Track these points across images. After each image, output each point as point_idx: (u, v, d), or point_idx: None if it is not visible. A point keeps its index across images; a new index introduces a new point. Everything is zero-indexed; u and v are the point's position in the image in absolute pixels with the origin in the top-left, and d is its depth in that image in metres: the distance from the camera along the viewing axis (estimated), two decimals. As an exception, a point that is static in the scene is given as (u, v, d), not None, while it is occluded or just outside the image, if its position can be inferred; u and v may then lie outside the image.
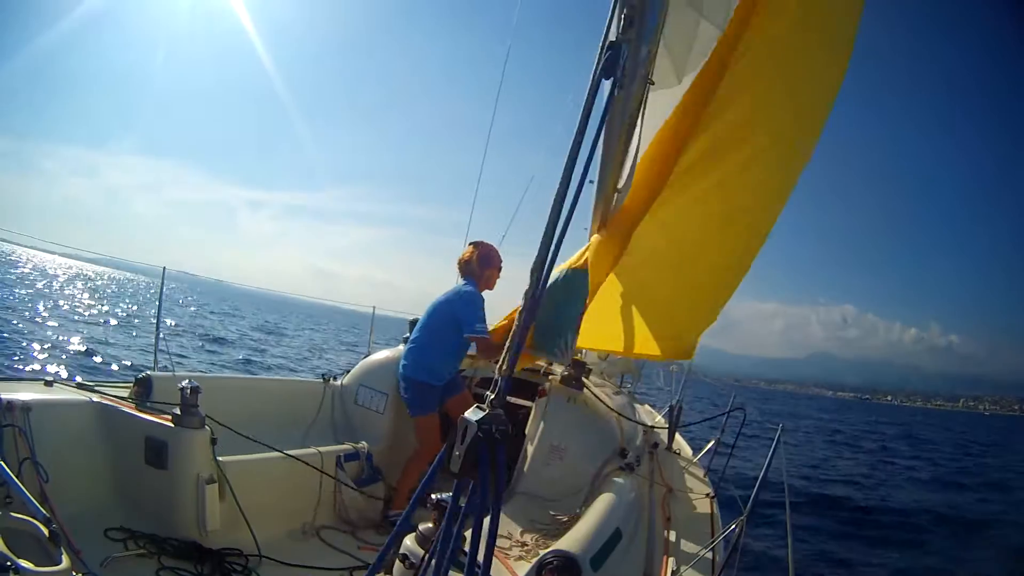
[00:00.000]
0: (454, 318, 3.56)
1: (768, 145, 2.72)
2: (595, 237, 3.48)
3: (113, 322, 19.94)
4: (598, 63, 1.50)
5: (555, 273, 3.66)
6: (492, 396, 1.24)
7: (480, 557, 1.40)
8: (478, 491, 1.19)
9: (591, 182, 3.12)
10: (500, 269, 3.91)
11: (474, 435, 1.18)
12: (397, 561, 1.91)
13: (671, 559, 2.29)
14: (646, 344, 3.45)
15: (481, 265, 3.76)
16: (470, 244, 3.89)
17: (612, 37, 1.63)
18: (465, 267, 3.77)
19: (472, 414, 1.19)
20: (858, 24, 2.29)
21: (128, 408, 2.73)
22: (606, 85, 1.57)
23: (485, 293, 3.84)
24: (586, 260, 3.43)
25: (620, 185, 3.09)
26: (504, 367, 1.28)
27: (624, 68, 1.49)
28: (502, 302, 3.96)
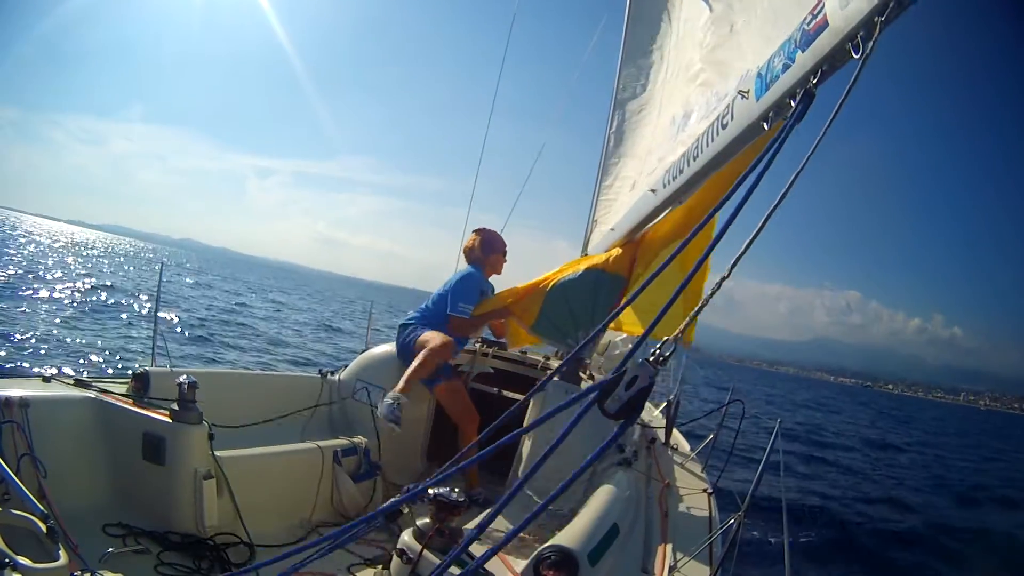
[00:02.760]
0: (447, 298, 3.76)
1: None
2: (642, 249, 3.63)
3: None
4: (794, 113, 1.57)
5: (581, 268, 3.74)
6: (662, 356, 1.32)
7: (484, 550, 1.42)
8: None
9: (651, 191, 3.19)
10: (505, 254, 4.04)
11: (645, 385, 1.25)
12: (395, 556, 1.92)
13: (668, 554, 2.30)
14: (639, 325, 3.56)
15: (484, 251, 3.92)
16: (473, 232, 4.03)
17: (791, 84, 1.70)
18: (469, 254, 3.93)
19: (641, 367, 1.27)
20: None
21: (126, 404, 2.73)
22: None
23: (495, 278, 3.91)
24: (628, 272, 3.60)
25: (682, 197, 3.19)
26: (680, 335, 1.37)
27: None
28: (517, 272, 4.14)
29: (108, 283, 21.51)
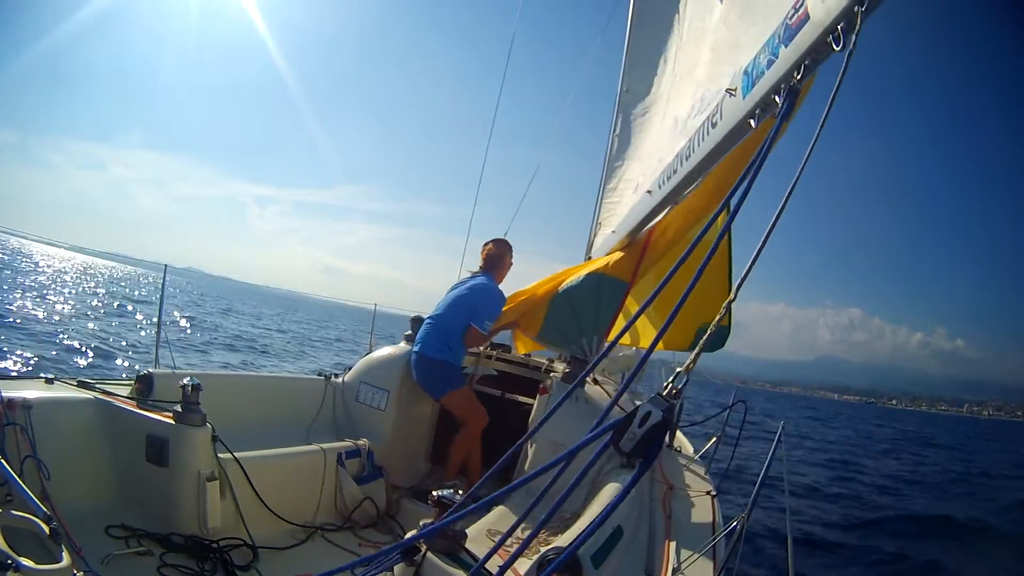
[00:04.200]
0: (472, 307, 3.80)
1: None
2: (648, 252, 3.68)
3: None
4: (781, 111, 1.56)
5: (583, 274, 3.77)
6: (675, 388, 1.33)
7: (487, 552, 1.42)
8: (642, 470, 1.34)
9: (647, 192, 3.19)
10: (511, 263, 4.19)
11: (658, 421, 1.25)
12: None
13: (672, 556, 2.29)
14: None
15: (502, 258, 4.08)
16: (493, 241, 4.18)
17: (773, 81, 1.70)
18: (495, 260, 4.06)
19: (653, 403, 1.27)
20: None
21: (129, 406, 2.73)
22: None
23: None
24: (631, 276, 3.62)
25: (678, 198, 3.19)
26: (692, 365, 1.39)
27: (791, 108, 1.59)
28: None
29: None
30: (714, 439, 4.29)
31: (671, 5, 3.77)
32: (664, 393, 1.31)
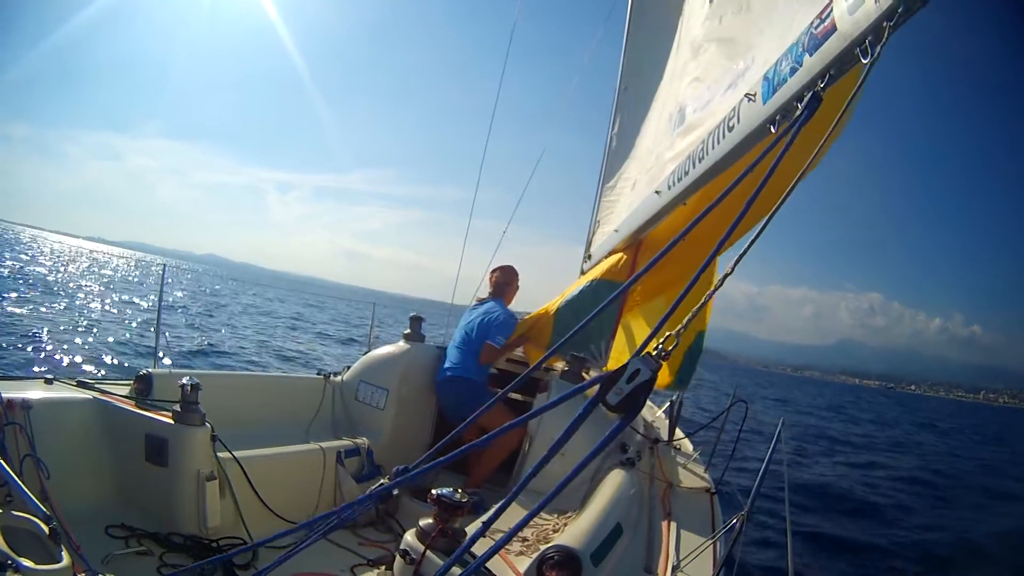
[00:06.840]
0: (487, 328, 3.98)
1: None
2: (642, 254, 3.64)
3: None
4: (800, 116, 1.58)
5: (582, 283, 3.79)
6: (664, 350, 1.35)
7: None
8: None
9: (656, 193, 3.18)
10: (518, 287, 4.39)
11: (646, 379, 1.28)
12: (398, 557, 1.91)
13: (671, 554, 2.30)
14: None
15: (509, 283, 4.30)
16: (499, 269, 4.40)
17: (799, 88, 1.70)
18: (503, 286, 4.28)
19: (643, 361, 1.30)
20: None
21: (128, 405, 2.73)
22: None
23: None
24: (624, 276, 3.58)
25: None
26: (683, 329, 1.39)
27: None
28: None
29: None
30: (715, 437, 4.30)
31: (669, 4, 3.77)
32: (654, 353, 1.34)
